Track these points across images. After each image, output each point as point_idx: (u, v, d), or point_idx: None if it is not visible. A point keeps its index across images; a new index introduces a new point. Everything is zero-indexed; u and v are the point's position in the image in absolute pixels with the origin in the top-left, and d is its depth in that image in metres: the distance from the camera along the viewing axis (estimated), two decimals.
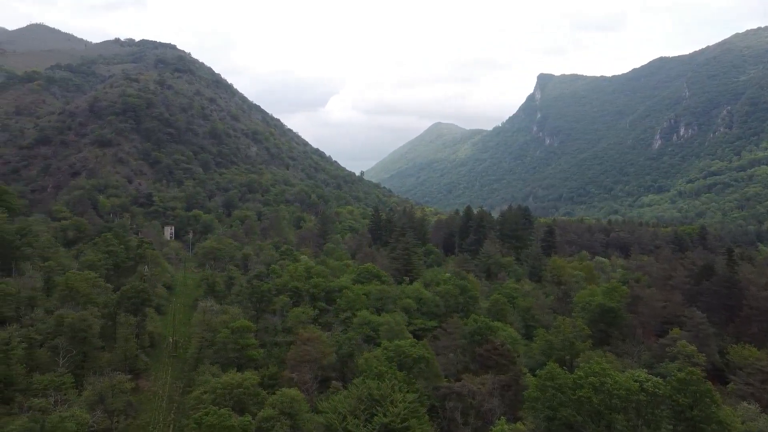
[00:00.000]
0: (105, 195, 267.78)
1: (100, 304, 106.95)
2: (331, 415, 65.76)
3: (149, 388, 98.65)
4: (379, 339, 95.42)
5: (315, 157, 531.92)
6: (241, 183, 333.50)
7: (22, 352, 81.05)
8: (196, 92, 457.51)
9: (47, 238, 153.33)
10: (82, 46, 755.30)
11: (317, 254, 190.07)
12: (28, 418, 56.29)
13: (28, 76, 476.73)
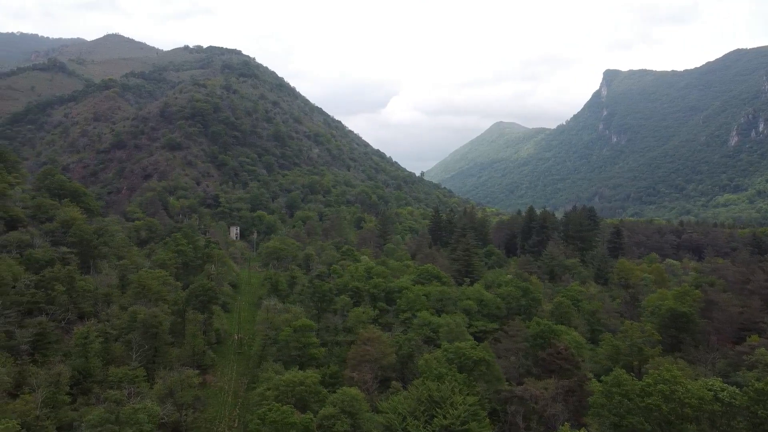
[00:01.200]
0: (175, 196, 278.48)
1: (170, 302, 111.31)
2: (391, 416, 65.90)
3: (216, 384, 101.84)
4: (439, 340, 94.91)
5: (375, 158, 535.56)
6: (303, 184, 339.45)
7: (99, 346, 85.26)
8: (261, 96, 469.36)
9: (122, 238, 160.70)
10: (154, 54, 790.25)
11: (377, 255, 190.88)
12: (104, 408, 59.08)
13: (105, 83, 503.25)
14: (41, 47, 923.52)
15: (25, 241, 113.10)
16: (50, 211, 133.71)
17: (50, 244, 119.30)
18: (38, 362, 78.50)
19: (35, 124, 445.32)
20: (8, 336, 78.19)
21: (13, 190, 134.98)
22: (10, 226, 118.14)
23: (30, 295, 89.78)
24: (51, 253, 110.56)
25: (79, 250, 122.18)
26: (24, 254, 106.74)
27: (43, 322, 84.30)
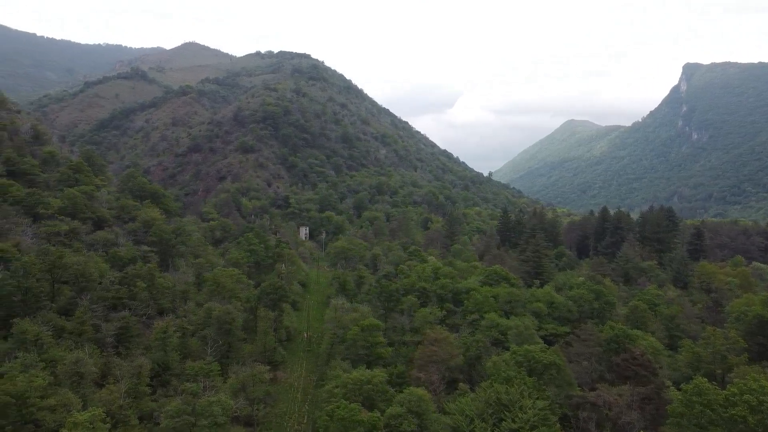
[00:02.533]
0: (247, 197, 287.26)
1: (242, 299, 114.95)
2: (459, 417, 65.31)
3: (285, 380, 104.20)
4: (508, 343, 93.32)
5: (442, 159, 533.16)
6: (370, 185, 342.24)
7: (177, 340, 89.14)
8: (329, 99, 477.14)
9: (198, 238, 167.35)
10: (228, 61, 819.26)
11: (444, 255, 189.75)
12: (181, 400, 61.71)
13: (183, 90, 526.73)
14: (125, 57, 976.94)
15: (110, 240, 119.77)
16: (133, 211, 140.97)
17: (133, 243, 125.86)
18: (122, 354, 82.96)
19: (119, 129, 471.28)
20: (95, 329, 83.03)
21: (100, 192, 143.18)
22: (97, 226, 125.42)
23: (114, 291, 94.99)
24: (133, 252, 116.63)
25: (159, 249, 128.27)
26: (109, 252, 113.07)
27: (126, 317, 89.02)
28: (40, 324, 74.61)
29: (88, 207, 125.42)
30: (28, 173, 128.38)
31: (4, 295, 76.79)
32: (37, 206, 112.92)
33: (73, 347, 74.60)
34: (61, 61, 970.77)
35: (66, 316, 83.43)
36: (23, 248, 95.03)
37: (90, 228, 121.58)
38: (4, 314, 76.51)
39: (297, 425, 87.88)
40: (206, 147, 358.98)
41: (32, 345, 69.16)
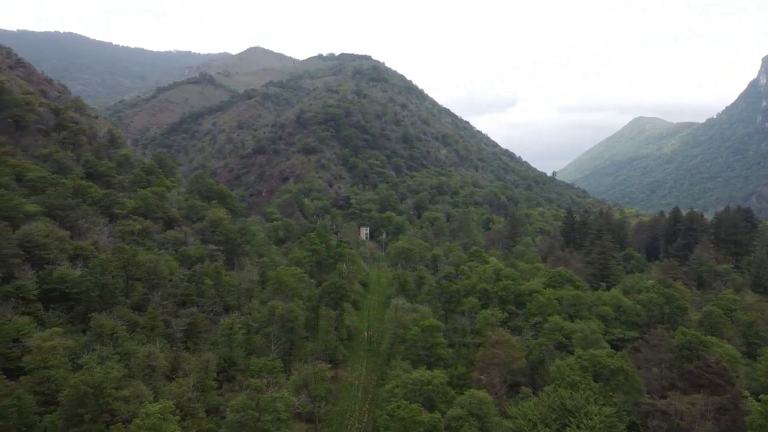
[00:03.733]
0: (309, 198, 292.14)
1: (304, 298, 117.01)
2: (521, 422, 64.06)
3: (346, 378, 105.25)
4: (572, 346, 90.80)
5: (504, 158, 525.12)
6: (430, 185, 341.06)
7: (242, 337, 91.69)
8: (390, 99, 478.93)
9: (262, 237, 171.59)
10: (291, 64, 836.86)
11: (506, 256, 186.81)
12: (246, 395, 63.31)
13: (248, 93, 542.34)
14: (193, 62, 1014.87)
15: (179, 239, 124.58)
16: (201, 211, 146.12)
17: (201, 242, 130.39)
18: (190, 349, 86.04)
19: (188, 132, 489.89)
20: (166, 324, 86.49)
21: (170, 193, 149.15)
22: (168, 225, 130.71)
23: (183, 288, 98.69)
24: (201, 251, 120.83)
25: (225, 248, 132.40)
26: (179, 251, 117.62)
27: (194, 313, 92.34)
28: (116, 319, 78.40)
29: (159, 207, 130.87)
30: (104, 175, 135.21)
31: (83, 290, 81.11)
32: (112, 206, 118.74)
33: (146, 341, 77.99)
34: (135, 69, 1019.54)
35: (139, 312, 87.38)
36: (100, 246, 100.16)
37: (161, 227, 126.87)
38: (83, 309, 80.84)
39: (357, 423, 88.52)
40: (270, 149, 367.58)
41: (108, 338, 72.74)
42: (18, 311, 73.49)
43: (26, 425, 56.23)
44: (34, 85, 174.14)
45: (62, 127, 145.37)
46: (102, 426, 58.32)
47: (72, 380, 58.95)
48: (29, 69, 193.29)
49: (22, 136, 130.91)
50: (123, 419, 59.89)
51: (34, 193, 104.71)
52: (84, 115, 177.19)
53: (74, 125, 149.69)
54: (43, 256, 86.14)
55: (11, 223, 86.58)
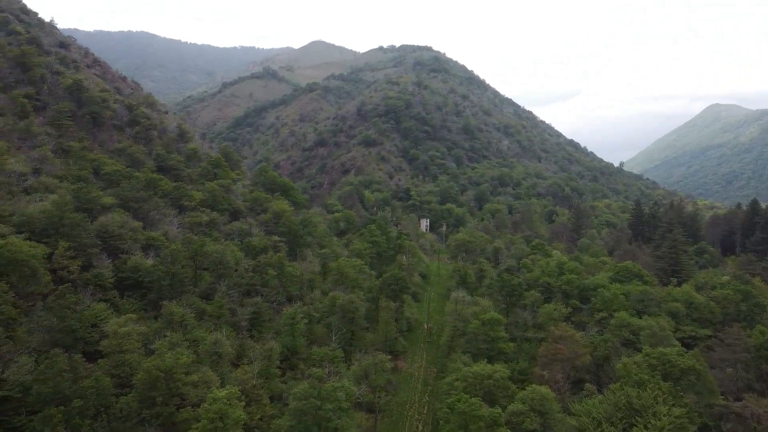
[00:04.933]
0: (370, 190, 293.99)
1: (365, 289, 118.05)
2: (585, 419, 62.46)
3: (406, 370, 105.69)
4: (640, 344, 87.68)
5: (569, 149, 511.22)
6: (492, 177, 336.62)
7: (304, 326, 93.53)
8: (450, 90, 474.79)
9: (323, 229, 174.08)
10: (352, 56, 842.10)
11: (570, 250, 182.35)
12: (308, 384, 64.58)
13: (309, 87, 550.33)
14: (257, 57, 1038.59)
15: (244, 230, 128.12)
16: (264, 203, 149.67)
17: (264, 233, 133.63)
18: (254, 337, 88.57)
19: (252, 126, 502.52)
20: (232, 313, 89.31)
21: (236, 186, 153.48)
22: (233, 217, 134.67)
23: (248, 278, 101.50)
24: (265, 242, 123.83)
25: (288, 239, 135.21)
26: (244, 242, 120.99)
27: (258, 303, 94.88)
28: (185, 307, 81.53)
29: (225, 199, 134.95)
30: (174, 168, 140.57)
31: (155, 279, 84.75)
32: (182, 198, 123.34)
33: (213, 329, 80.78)
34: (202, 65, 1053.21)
35: (206, 300, 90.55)
36: (170, 237, 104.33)
37: (227, 219, 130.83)
38: (155, 297, 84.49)
39: (417, 415, 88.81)
40: (331, 141, 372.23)
41: (178, 325, 75.76)
42: (96, 298, 77.60)
43: (104, 405, 59.39)
44: (109, 82, 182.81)
45: (135, 123, 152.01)
46: (172, 409, 60.91)
47: (145, 365, 61.80)
48: (105, 67, 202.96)
49: (98, 132, 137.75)
50: (192, 403, 62.36)
51: (110, 186, 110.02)
52: (155, 111, 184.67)
53: (146, 121, 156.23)
54: (118, 246, 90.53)
55: (89, 214, 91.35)
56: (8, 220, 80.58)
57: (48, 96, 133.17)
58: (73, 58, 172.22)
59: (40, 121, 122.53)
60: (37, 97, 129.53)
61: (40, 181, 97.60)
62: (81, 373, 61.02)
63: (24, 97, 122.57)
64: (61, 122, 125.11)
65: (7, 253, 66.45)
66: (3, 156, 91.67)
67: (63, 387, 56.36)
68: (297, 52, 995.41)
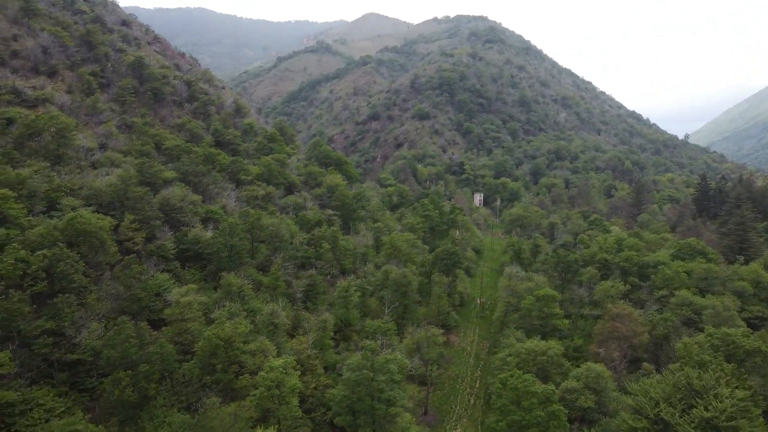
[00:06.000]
0: (423, 164, 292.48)
1: (418, 263, 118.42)
2: (642, 399, 61.12)
3: (458, 344, 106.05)
4: (702, 324, 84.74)
5: (630, 121, 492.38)
6: (548, 150, 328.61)
7: (357, 299, 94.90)
8: (506, 61, 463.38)
9: (376, 203, 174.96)
10: (405, 29, 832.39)
11: (630, 225, 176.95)
12: (361, 355, 65.75)
13: (363, 60, 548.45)
14: (311, 31, 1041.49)
15: (299, 203, 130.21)
16: (318, 177, 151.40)
17: (318, 206, 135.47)
18: (309, 309, 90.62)
19: (306, 100, 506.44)
20: (287, 285, 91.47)
21: (290, 160, 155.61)
22: (288, 191, 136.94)
23: (303, 251, 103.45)
24: (319, 215, 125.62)
25: (341, 213, 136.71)
26: (298, 215, 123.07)
27: (313, 275, 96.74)
28: (242, 278, 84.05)
29: (280, 173, 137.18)
30: (231, 143, 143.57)
31: (214, 251, 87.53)
32: (239, 173, 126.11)
33: (269, 300, 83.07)
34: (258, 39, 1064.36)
35: (263, 272, 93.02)
36: (228, 210, 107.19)
37: (282, 192, 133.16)
38: (214, 268, 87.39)
39: (469, 389, 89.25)
40: (384, 115, 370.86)
41: (236, 296, 78.26)
42: (159, 268, 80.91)
43: (168, 371, 62.35)
44: (168, 59, 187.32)
45: (194, 99, 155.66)
46: (231, 376, 63.35)
47: (206, 333, 64.33)
48: (164, 44, 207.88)
49: (159, 107, 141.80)
50: (250, 371, 64.65)
51: (171, 161, 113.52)
52: (212, 87, 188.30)
53: (204, 96, 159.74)
54: (179, 219, 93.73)
55: (152, 188, 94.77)
56: (78, 194, 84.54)
57: (112, 73, 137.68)
58: (135, 35, 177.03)
59: (105, 97, 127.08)
60: (101, 74, 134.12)
61: (106, 156, 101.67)
62: (146, 340, 64.11)
63: (90, 75, 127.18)
64: (125, 98, 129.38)
65: (78, 225, 69.82)
66: (72, 132, 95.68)
67: (130, 352, 59.40)
68: (350, 25, 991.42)
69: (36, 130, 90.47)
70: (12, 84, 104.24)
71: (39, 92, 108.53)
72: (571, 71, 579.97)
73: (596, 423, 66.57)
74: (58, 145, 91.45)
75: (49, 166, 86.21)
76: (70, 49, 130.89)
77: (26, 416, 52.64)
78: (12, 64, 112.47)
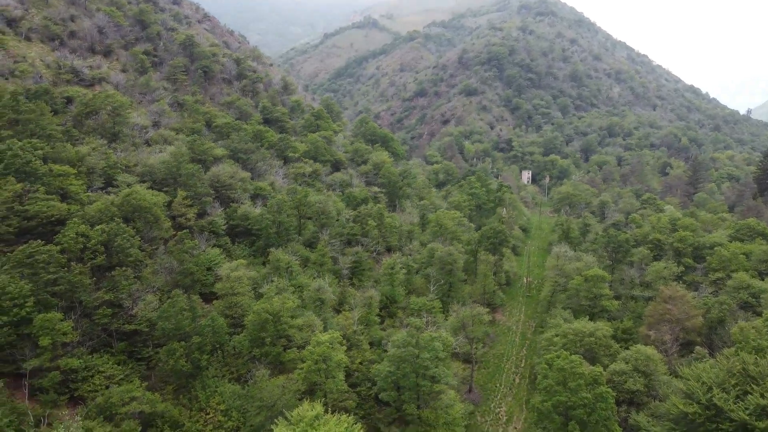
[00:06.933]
0: (470, 141, 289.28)
1: (463, 241, 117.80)
2: (694, 384, 59.50)
3: (504, 323, 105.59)
4: (761, 308, 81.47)
5: (688, 95, 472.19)
6: (600, 126, 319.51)
7: (403, 276, 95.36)
8: (557, 34, 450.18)
9: (422, 180, 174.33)
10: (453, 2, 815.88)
11: (685, 205, 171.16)
12: (406, 332, 66.24)
13: (410, 36, 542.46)
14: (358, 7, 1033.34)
15: (345, 181, 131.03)
16: (365, 155, 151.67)
17: (365, 184, 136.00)
18: (355, 285, 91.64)
19: (353, 77, 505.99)
20: (334, 261, 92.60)
21: (337, 137, 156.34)
22: (335, 168, 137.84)
23: (349, 227, 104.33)
24: (365, 192, 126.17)
25: (387, 190, 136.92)
26: (345, 192, 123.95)
27: (359, 252, 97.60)
28: (290, 254, 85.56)
29: (327, 151, 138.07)
30: (279, 120, 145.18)
31: (263, 227, 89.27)
32: (286, 150, 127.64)
33: (316, 276, 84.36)
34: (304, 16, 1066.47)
35: (310, 249, 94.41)
36: (276, 187, 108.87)
37: (329, 169, 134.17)
38: (263, 244, 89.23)
39: (514, 368, 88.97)
40: (431, 91, 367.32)
41: (284, 272, 79.82)
42: (210, 243, 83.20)
43: (219, 343, 64.46)
44: (218, 37, 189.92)
45: (242, 76, 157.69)
46: (280, 349, 64.95)
47: (255, 307, 65.98)
48: (214, 22, 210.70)
49: (209, 85, 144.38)
50: (297, 345, 66.13)
51: (221, 138, 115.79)
52: (261, 64, 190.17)
53: (253, 74, 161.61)
54: (229, 195, 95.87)
55: (203, 165, 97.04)
56: (133, 170, 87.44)
57: (164, 52, 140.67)
58: (185, 14, 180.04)
59: (157, 76, 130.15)
60: (154, 53, 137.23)
61: (159, 134, 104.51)
62: (199, 313, 66.33)
63: (143, 54, 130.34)
64: (176, 77, 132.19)
65: (133, 201, 72.30)
66: (127, 110, 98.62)
67: (183, 324, 61.59)
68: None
69: (93, 109, 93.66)
70: (71, 64, 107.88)
71: (95, 71, 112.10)
72: (625, 44, 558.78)
73: (645, 406, 65.33)
74: (114, 123, 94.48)
75: (106, 144, 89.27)
76: (124, 29, 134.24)
77: (88, 382, 55.62)
78: (70, 44, 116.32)
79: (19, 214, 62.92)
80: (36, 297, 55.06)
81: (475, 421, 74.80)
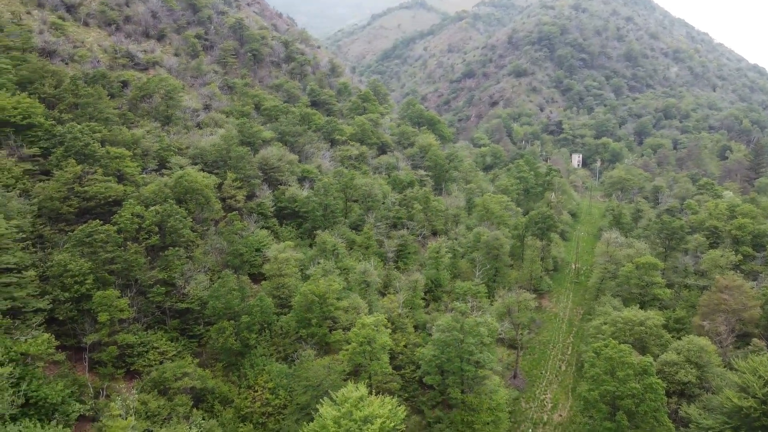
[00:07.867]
0: (519, 123, 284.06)
1: (510, 226, 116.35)
2: (750, 377, 57.47)
3: (551, 309, 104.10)
4: None
5: (752, 75, 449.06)
6: (656, 108, 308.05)
7: (448, 260, 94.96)
8: (612, 12, 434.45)
9: (469, 163, 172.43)
10: None
11: (746, 190, 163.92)
12: (451, 317, 66.10)
13: (458, 15, 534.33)
14: None
15: (391, 164, 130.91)
16: (411, 137, 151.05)
17: (411, 167, 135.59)
18: (400, 269, 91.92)
19: (400, 58, 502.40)
20: (379, 244, 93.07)
21: (383, 120, 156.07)
22: (381, 151, 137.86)
23: (395, 211, 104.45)
24: (411, 176, 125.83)
25: (433, 174, 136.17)
26: (391, 175, 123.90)
27: (404, 235, 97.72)
28: (336, 236, 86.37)
29: (374, 133, 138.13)
30: (326, 103, 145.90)
31: (310, 209, 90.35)
32: (333, 133, 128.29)
33: (361, 259, 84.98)
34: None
35: (356, 231, 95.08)
36: (323, 170, 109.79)
37: (375, 152, 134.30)
38: (309, 226, 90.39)
39: (560, 355, 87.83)
40: (479, 72, 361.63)
41: (330, 254, 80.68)
42: (259, 225, 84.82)
43: (267, 322, 65.93)
44: (266, 19, 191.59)
45: (291, 59, 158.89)
46: (326, 330, 65.98)
47: (302, 288, 67.10)
48: (263, 5, 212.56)
49: (258, 68, 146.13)
50: (343, 326, 67.01)
51: (269, 121, 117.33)
52: (308, 46, 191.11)
53: (301, 57, 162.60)
54: (277, 178, 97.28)
55: (252, 147, 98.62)
56: (185, 153, 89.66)
57: (214, 35, 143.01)
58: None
59: (208, 59, 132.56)
60: (205, 36, 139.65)
61: (210, 117, 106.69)
62: (247, 293, 67.90)
63: (194, 38, 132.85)
64: (226, 60, 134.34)
65: (185, 183, 74.23)
66: (179, 94, 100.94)
67: (233, 304, 63.25)
68: None
69: (148, 92, 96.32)
70: (126, 48, 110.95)
71: (149, 56, 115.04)
72: (685, 21, 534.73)
73: (697, 398, 63.51)
74: (168, 107, 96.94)
75: (160, 127, 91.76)
76: (176, 13, 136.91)
77: (143, 357, 57.92)
78: (125, 29, 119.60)
79: (79, 195, 65.51)
80: (95, 275, 57.49)
81: (519, 407, 74.38)
